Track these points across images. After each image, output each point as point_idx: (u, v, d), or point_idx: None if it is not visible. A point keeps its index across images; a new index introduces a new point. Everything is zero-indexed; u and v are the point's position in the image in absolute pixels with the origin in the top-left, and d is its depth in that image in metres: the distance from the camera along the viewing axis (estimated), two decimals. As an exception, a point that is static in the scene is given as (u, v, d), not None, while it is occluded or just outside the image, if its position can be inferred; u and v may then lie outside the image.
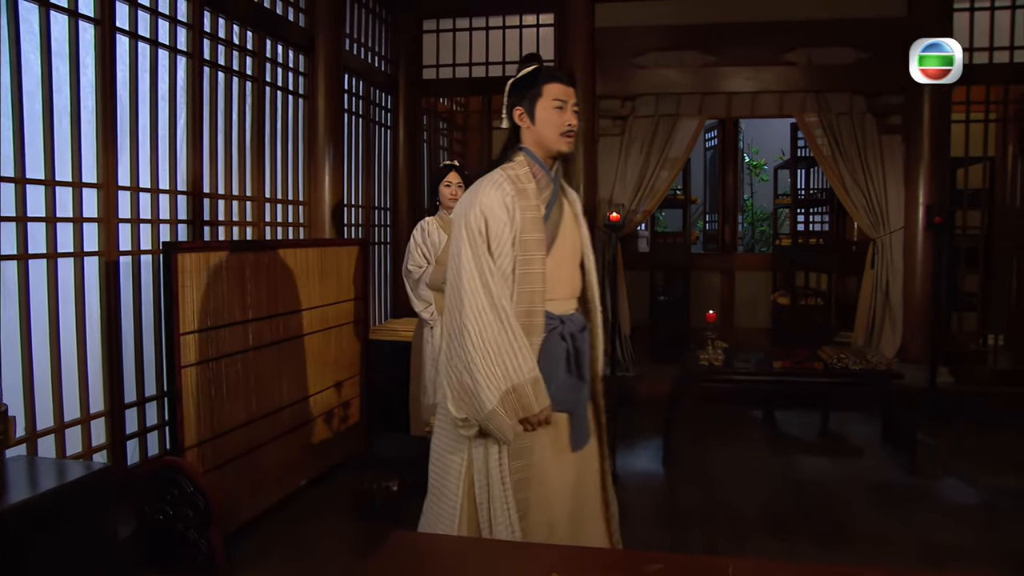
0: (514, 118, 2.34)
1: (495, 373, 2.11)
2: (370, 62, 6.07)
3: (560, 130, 2.27)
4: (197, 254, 3.15)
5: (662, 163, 6.50)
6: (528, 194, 2.24)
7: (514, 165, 2.30)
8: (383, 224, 6.47)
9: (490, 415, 2.10)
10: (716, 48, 6.22)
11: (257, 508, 3.58)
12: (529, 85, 2.31)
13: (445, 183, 4.18)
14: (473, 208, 2.20)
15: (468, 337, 2.13)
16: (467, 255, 2.17)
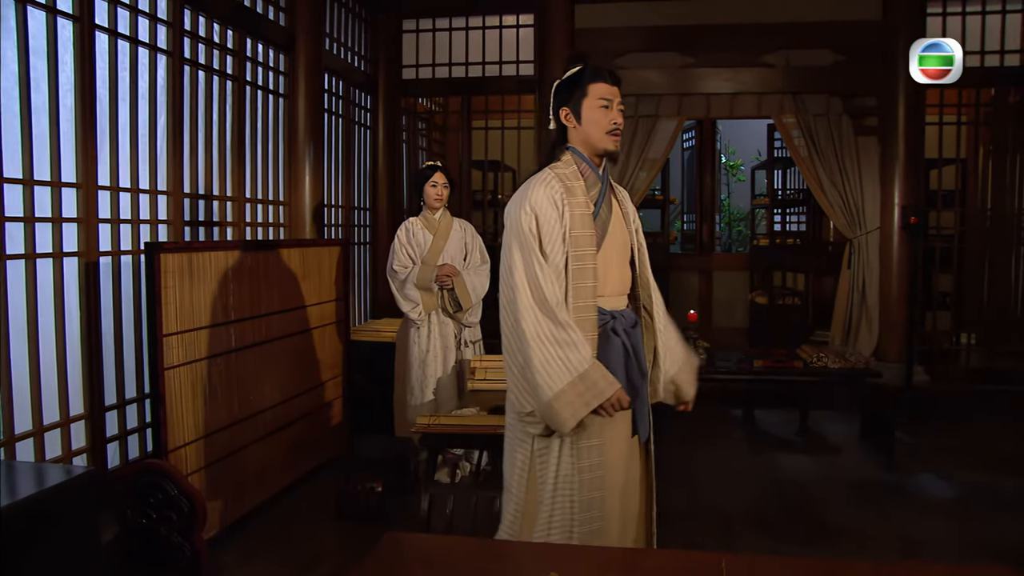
0: (560, 118, 2.36)
1: (554, 366, 2.11)
2: (350, 62, 6.04)
3: (606, 129, 2.28)
4: (180, 254, 3.11)
5: (641, 164, 6.53)
6: (576, 192, 2.26)
7: (561, 164, 2.33)
8: (363, 224, 6.43)
9: (547, 406, 2.11)
10: (695, 50, 6.26)
11: (240, 510, 3.55)
12: (574, 85, 2.32)
13: (431, 183, 4.17)
14: (523, 206, 2.22)
15: (524, 333, 2.13)
16: (518, 253, 2.19)
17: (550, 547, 1.95)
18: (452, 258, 4.22)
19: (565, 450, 2.22)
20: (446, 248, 4.20)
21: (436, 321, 4.16)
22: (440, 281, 4.11)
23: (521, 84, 6.50)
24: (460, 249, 4.27)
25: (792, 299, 7.67)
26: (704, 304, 8.58)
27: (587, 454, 2.23)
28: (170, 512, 2.98)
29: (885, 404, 4.79)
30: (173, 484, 2.98)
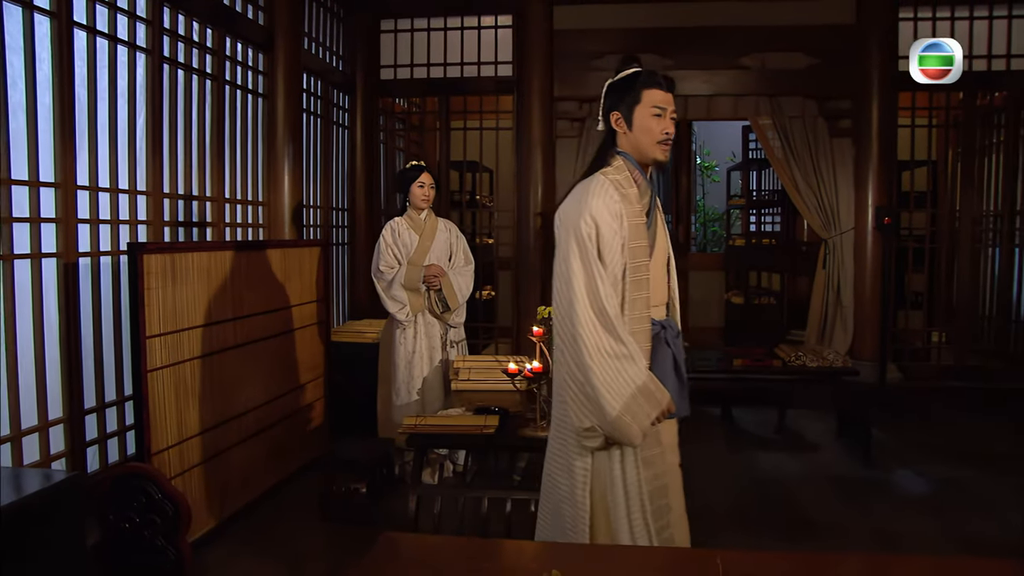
0: (611, 122, 2.28)
1: (616, 380, 2.07)
2: (328, 61, 6.00)
3: (658, 138, 2.21)
4: (163, 255, 3.08)
5: (620, 165, 6.56)
6: (631, 200, 2.20)
7: (614, 170, 2.25)
8: (341, 225, 6.40)
9: (615, 421, 2.06)
10: (672, 52, 6.30)
11: (224, 512, 3.52)
12: (627, 89, 2.24)
13: (418, 183, 4.16)
14: (583, 215, 2.13)
15: (583, 347, 2.08)
16: (577, 263, 2.12)
17: (546, 545, 1.96)
18: (438, 259, 4.21)
19: (629, 462, 2.18)
20: (432, 249, 4.20)
21: (422, 322, 4.15)
22: (427, 282, 4.10)
23: (499, 85, 6.50)
24: (445, 250, 4.27)
25: (768, 299, 7.76)
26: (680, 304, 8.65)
27: (651, 464, 2.21)
28: (154, 515, 2.95)
29: (861, 402, 4.87)
30: (157, 487, 2.95)
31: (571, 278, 2.11)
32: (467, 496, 3.09)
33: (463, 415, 3.31)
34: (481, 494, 3.05)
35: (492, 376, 3.93)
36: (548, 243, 6.49)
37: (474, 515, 3.09)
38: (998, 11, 5.97)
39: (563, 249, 2.17)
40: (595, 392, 2.07)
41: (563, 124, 6.56)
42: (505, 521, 3.00)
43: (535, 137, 6.40)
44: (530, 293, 6.55)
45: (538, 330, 3.29)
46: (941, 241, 6.38)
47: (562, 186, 6.50)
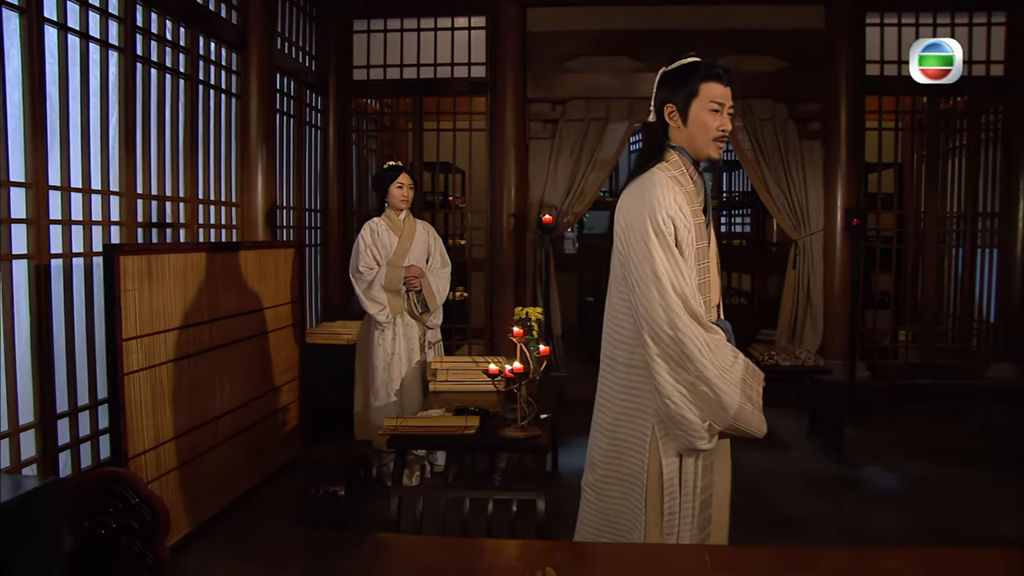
0: (664, 115, 2.16)
1: (726, 369, 2.00)
2: (301, 61, 5.96)
3: (714, 135, 2.10)
4: (140, 257, 3.04)
5: (592, 166, 6.59)
6: (691, 197, 2.11)
7: (670, 166, 2.13)
8: (314, 226, 6.35)
9: (739, 412, 1.99)
10: (645, 54, 6.35)
11: (201, 516, 3.48)
12: (684, 81, 2.11)
13: (397, 184, 4.14)
14: (657, 212, 2.01)
15: (691, 346, 1.97)
16: (662, 262, 2.00)
17: (537, 544, 1.97)
18: (417, 260, 4.21)
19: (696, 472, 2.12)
20: (411, 250, 4.19)
21: (401, 323, 4.14)
22: (408, 283, 4.09)
23: (473, 86, 6.51)
24: (424, 251, 4.27)
25: (739, 299, 7.85)
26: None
27: (708, 472, 2.14)
28: (131, 521, 2.91)
29: (832, 400, 4.95)
30: (134, 492, 2.91)
31: (660, 278, 1.99)
32: (448, 497, 3.08)
33: (443, 416, 3.31)
34: (462, 495, 3.03)
35: (470, 377, 3.94)
36: (520, 244, 6.52)
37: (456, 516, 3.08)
38: (959, 20, 6.13)
39: (639, 250, 2.03)
40: (712, 389, 1.98)
41: (536, 125, 6.58)
42: (487, 521, 2.99)
43: (508, 138, 6.42)
44: (503, 294, 6.57)
45: (518, 331, 3.30)
46: (907, 242, 6.51)
47: (535, 186, 6.53)
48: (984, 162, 6.44)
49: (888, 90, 6.25)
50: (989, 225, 6.39)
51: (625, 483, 2.19)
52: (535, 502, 3.02)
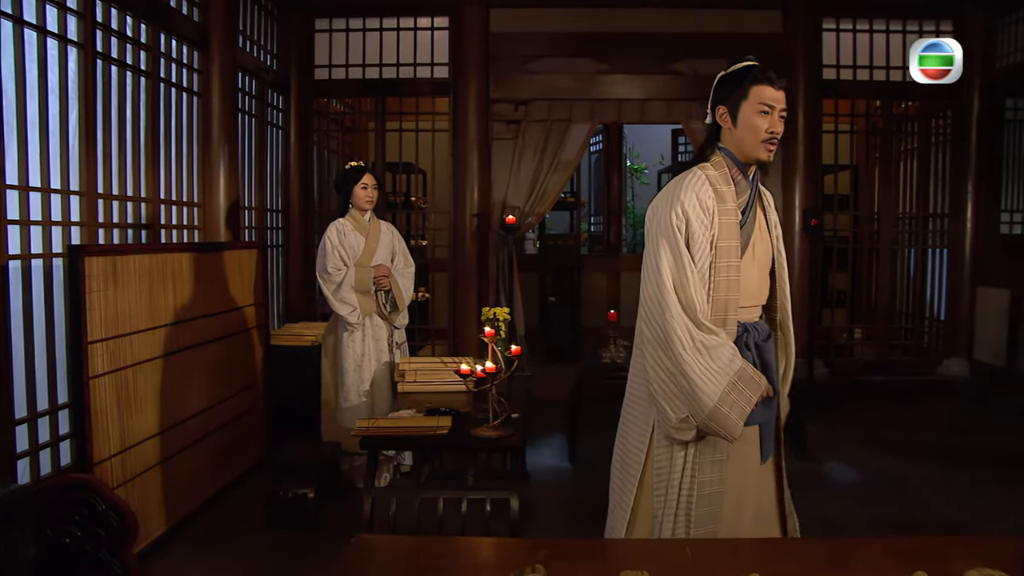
0: (716, 116, 2.23)
1: (712, 372, 2.04)
2: (262, 60, 5.89)
3: (763, 137, 2.14)
4: (105, 258, 2.97)
5: (554, 167, 6.63)
6: (726, 197, 2.16)
7: (711, 165, 2.21)
8: (275, 227, 6.27)
9: (712, 412, 2.03)
10: (607, 56, 6.42)
11: (167, 522, 3.42)
12: (736, 84, 2.19)
13: (361, 185, 4.10)
14: (674, 207, 2.12)
15: (676, 339, 2.05)
16: (666, 255, 2.10)
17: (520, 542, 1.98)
18: (383, 260, 4.18)
19: (688, 464, 2.16)
20: (378, 250, 4.16)
21: (370, 324, 4.11)
22: (377, 282, 4.07)
23: (435, 87, 6.50)
24: (389, 251, 4.24)
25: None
26: (612, 304, 8.79)
27: (709, 469, 2.17)
28: (97, 528, 2.84)
29: (794, 396, 5.05)
30: (100, 498, 2.84)
31: (660, 270, 2.10)
32: (422, 497, 3.08)
33: (415, 416, 3.30)
34: (436, 495, 3.04)
35: (439, 377, 3.94)
36: (483, 244, 6.53)
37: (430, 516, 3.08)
38: (910, 27, 6.33)
39: (652, 243, 2.15)
40: (690, 384, 2.04)
41: (499, 126, 6.59)
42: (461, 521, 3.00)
43: (471, 139, 6.43)
44: (467, 294, 6.58)
45: (490, 331, 3.31)
46: (862, 242, 6.68)
47: (498, 187, 6.55)
48: (934, 165, 6.65)
49: (844, 93, 6.41)
50: (939, 225, 6.60)
51: (627, 463, 2.30)
52: (508, 501, 3.06)
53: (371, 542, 1.90)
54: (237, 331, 4.18)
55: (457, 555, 1.83)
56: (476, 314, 6.60)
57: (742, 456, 2.24)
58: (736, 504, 2.24)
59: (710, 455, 2.17)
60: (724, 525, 2.21)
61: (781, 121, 2.17)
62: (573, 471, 4.60)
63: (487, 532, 3.03)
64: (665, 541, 2.05)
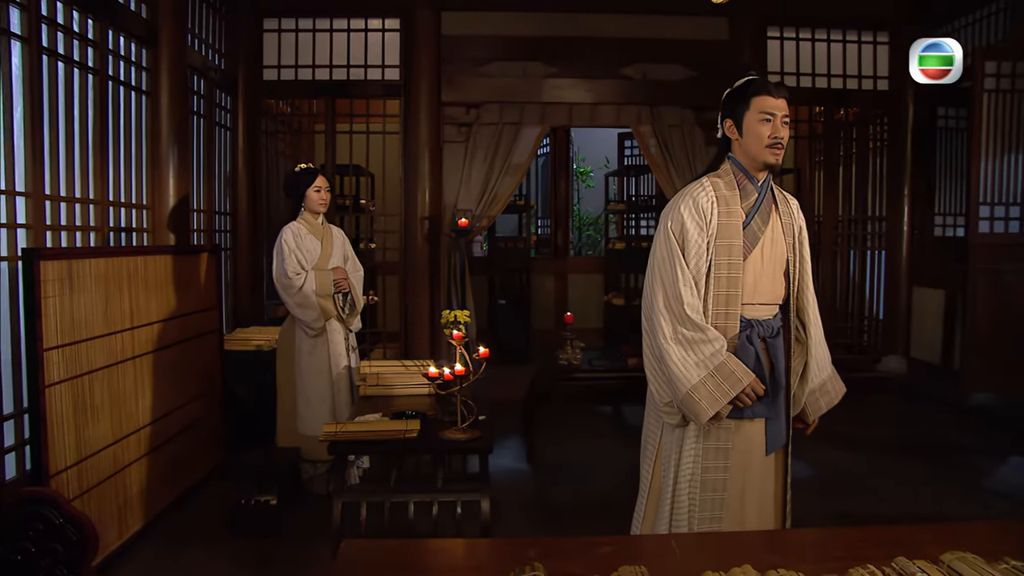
0: (724, 130, 2.41)
1: (688, 362, 2.22)
2: (210, 59, 5.75)
3: (767, 142, 2.29)
4: (61, 262, 2.86)
5: (505, 170, 6.64)
6: (729, 201, 2.32)
7: (719, 173, 2.39)
8: (223, 230, 6.13)
9: (685, 397, 2.22)
10: (558, 60, 6.47)
11: (125, 533, 3.31)
12: (739, 97, 2.36)
13: (315, 188, 4.03)
14: (674, 211, 2.33)
15: (659, 330, 2.26)
16: (661, 255, 2.31)
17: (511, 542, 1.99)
18: (338, 263, 4.13)
19: (690, 447, 2.33)
20: (332, 253, 4.11)
21: (328, 328, 4.05)
22: (337, 285, 4.01)
23: (387, 89, 6.45)
24: (342, 254, 4.19)
25: (645, 300, 8.06)
26: (560, 305, 8.86)
27: (713, 455, 2.32)
28: (55, 543, 2.73)
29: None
30: (58, 512, 2.74)
31: (655, 267, 2.32)
32: (392, 501, 3.05)
33: (382, 420, 3.27)
34: (407, 498, 3.02)
35: (400, 380, 3.91)
36: (435, 247, 6.51)
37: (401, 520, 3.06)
38: (850, 37, 6.56)
39: (655, 244, 2.37)
40: (668, 371, 2.25)
41: (450, 129, 6.58)
42: (432, 524, 2.99)
43: (422, 141, 6.41)
44: (419, 298, 6.54)
45: (458, 334, 3.30)
46: (805, 244, 6.87)
47: (449, 190, 6.53)
48: (872, 170, 6.90)
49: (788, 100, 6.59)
50: (878, 228, 6.84)
51: (647, 447, 2.50)
52: (479, 503, 3.06)
53: (361, 546, 1.87)
54: (193, 336, 4.08)
55: (449, 557, 1.82)
56: (428, 317, 6.57)
57: (747, 447, 2.36)
58: (740, 493, 2.36)
59: (715, 442, 2.32)
60: (730, 513, 2.33)
61: (784, 127, 2.33)
62: (532, 472, 4.62)
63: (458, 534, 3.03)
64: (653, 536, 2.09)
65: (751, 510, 2.38)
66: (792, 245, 2.44)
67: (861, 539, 1.83)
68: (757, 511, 2.40)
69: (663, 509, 2.35)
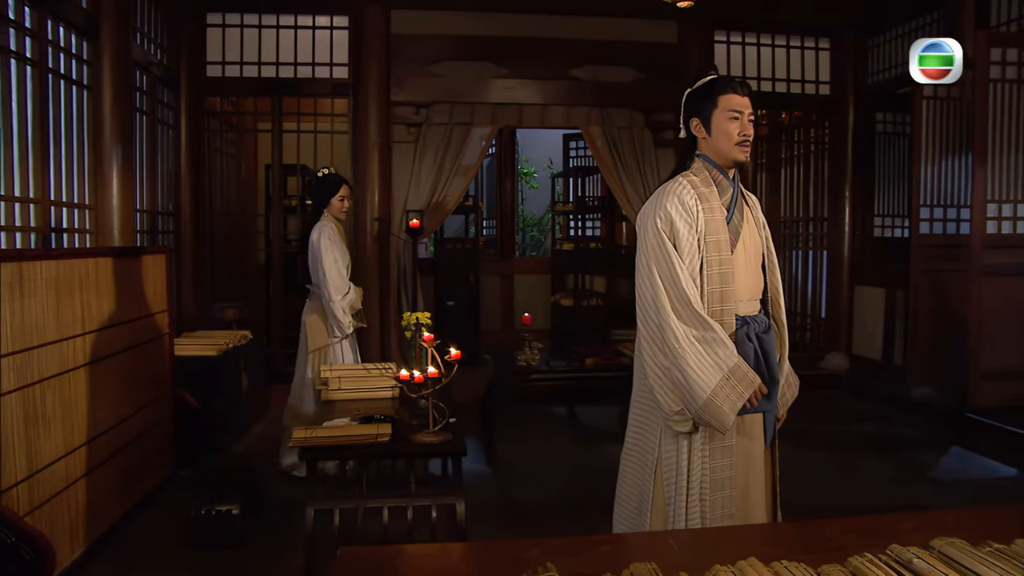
0: (691, 129, 2.38)
1: (706, 366, 2.15)
2: (152, 54, 5.52)
3: (736, 140, 2.29)
4: (11, 264, 2.69)
5: (455, 171, 6.59)
6: (710, 197, 2.29)
7: (692, 171, 2.36)
8: (167, 231, 5.90)
9: (706, 405, 2.14)
10: (508, 61, 6.45)
11: (78, 549, 3.13)
12: (705, 96, 2.34)
13: (339, 196, 4.19)
14: (658, 211, 2.27)
15: (671, 334, 2.18)
16: (655, 257, 2.24)
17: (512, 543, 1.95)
18: None
19: (696, 452, 2.27)
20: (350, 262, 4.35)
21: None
22: None
23: (335, 87, 6.32)
24: None
25: (594, 300, 8.11)
26: (507, 306, 8.84)
27: (720, 455, 2.29)
28: (7, 564, 2.58)
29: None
30: (10, 530, 2.58)
31: (651, 270, 2.24)
32: (366, 507, 2.98)
33: (353, 425, 3.19)
34: (381, 503, 2.96)
35: (364, 384, 3.84)
36: (384, 249, 6.41)
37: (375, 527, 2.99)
38: (793, 43, 6.74)
39: (642, 248, 2.30)
40: (685, 377, 2.17)
41: (400, 129, 6.49)
42: (407, 529, 2.93)
43: (371, 141, 6.31)
44: (369, 300, 6.40)
45: (429, 335, 3.25)
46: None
47: (399, 191, 6.44)
48: (815, 171, 7.09)
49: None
50: (820, 229, 7.04)
51: (643, 457, 2.41)
52: (455, 506, 3.02)
53: (358, 554, 1.80)
54: (146, 340, 3.91)
55: (451, 561, 1.78)
56: (379, 319, 6.47)
57: (749, 443, 2.37)
58: (744, 490, 2.36)
59: (720, 441, 2.29)
60: (736, 509, 2.33)
61: (751, 124, 2.33)
62: (494, 474, 4.59)
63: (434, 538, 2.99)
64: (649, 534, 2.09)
65: (756, 503, 2.39)
66: (763, 240, 2.47)
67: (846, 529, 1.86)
68: (760, 503, 2.42)
69: (676, 519, 2.28)
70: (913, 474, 4.50)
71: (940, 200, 5.17)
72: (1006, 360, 4.90)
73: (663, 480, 2.33)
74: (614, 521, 2.57)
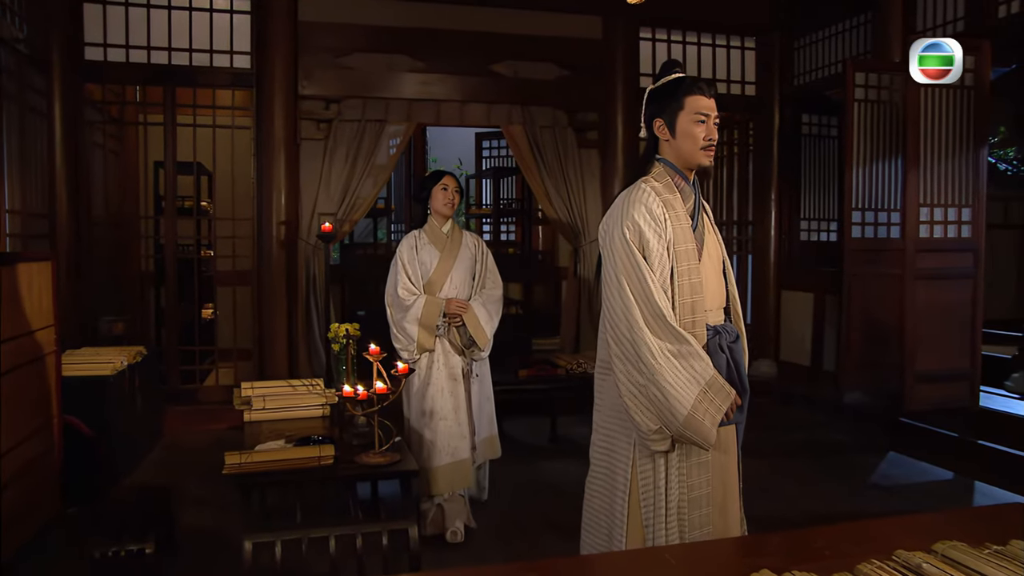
0: (654, 129, 2.36)
1: (683, 381, 2.14)
2: (17, 27, 5.09)
3: (702, 144, 2.29)
4: None
5: (368, 171, 6.45)
6: (673, 204, 2.29)
7: (654, 176, 2.34)
8: (40, 235, 5.51)
9: (687, 420, 2.14)
10: (426, 54, 6.38)
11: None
12: (670, 96, 2.31)
13: (442, 185, 3.90)
14: (625, 221, 2.24)
15: (646, 352, 2.15)
16: (626, 268, 2.21)
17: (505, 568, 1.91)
18: (461, 282, 3.92)
19: (673, 470, 2.27)
20: (455, 268, 3.89)
21: (440, 349, 3.84)
22: (451, 320, 3.83)
23: (236, 78, 6.10)
24: (469, 270, 3.97)
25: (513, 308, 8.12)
26: (421, 316, 8.74)
27: (697, 471, 2.29)
28: None
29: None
30: None
31: (622, 283, 2.22)
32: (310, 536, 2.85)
33: (291, 448, 3.06)
34: (327, 532, 2.84)
35: (290, 403, 3.72)
36: (292, 254, 6.22)
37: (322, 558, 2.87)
38: (719, 42, 6.98)
39: (608, 258, 2.29)
40: (663, 394, 2.14)
41: (308, 125, 6.31)
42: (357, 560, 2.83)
43: (277, 138, 6.12)
44: (275, 310, 6.22)
45: (375, 348, 3.17)
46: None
47: (307, 192, 6.27)
48: (740, 174, 7.36)
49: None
50: (746, 232, 7.30)
51: (611, 480, 2.40)
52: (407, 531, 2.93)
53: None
54: (27, 361, 3.63)
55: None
56: (286, 331, 6.25)
57: (724, 457, 2.40)
58: (722, 506, 2.39)
59: (697, 457, 2.31)
60: (715, 523, 2.36)
61: (716, 128, 2.36)
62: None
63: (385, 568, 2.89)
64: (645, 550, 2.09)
65: (732, 518, 2.43)
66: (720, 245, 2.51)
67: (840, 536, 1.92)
68: (736, 518, 2.46)
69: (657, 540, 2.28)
70: (853, 480, 4.72)
71: (871, 204, 5.44)
72: (939, 362, 5.20)
73: (639, 502, 2.32)
74: (581, 546, 2.56)
